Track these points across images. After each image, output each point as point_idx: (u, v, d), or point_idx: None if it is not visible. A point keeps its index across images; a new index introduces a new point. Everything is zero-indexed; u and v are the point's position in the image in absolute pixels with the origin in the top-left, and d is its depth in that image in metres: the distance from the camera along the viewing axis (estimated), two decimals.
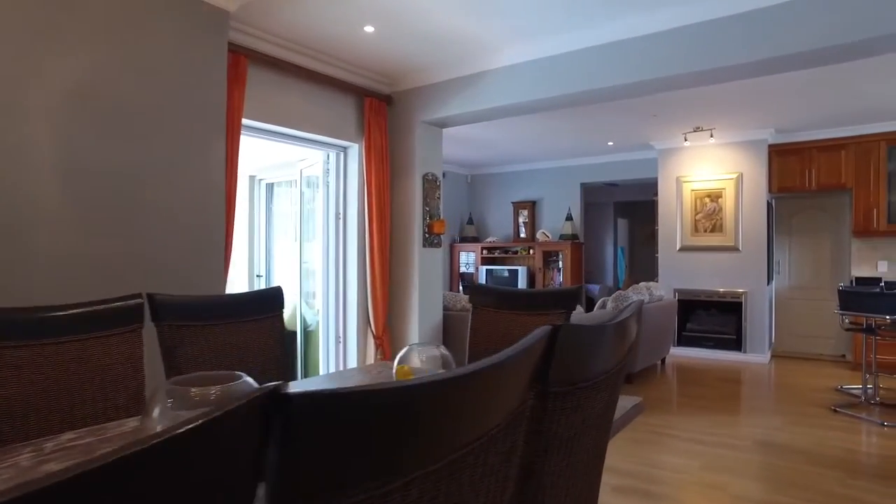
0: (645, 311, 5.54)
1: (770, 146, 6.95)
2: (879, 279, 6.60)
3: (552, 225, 8.95)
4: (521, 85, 4.22)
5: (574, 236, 8.58)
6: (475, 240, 9.56)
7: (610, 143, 7.55)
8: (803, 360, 7.05)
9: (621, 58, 3.80)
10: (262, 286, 6.76)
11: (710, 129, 6.58)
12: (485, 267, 9.24)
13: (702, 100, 5.57)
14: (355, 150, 4.81)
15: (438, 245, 4.98)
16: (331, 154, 4.86)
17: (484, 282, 9.20)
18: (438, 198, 4.99)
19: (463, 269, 9.67)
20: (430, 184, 4.88)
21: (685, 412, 4.79)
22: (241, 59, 3.69)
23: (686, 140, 6.80)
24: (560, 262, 8.55)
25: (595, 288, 10.72)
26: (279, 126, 4.31)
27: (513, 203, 9.38)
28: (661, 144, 7.44)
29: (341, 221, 4.84)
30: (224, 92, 3.30)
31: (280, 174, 6.51)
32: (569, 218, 8.67)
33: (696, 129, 6.61)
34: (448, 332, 5.04)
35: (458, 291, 9.37)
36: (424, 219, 4.82)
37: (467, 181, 9.95)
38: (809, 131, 6.82)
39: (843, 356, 7.22)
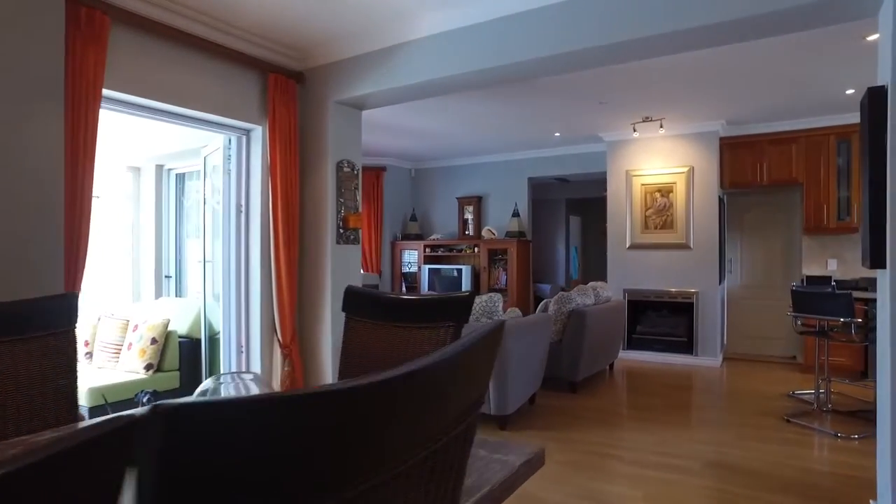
0: (591, 315, 5.10)
1: (721, 139, 6.62)
2: (830, 278, 6.34)
3: (499, 222, 8.48)
4: (445, 58, 3.69)
5: (521, 233, 8.13)
6: (419, 237, 9.02)
7: (557, 135, 7.11)
8: (755, 363, 6.75)
9: (544, 26, 3.30)
10: (172, 288, 6.05)
11: (660, 119, 6.20)
12: (428, 266, 8.70)
13: (650, 88, 5.16)
14: (259, 134, 4.19)
15: (356, 241, 4.41)
16: (231, 138, 4.23)
17: (428, 283, 8.68)
18: (356, 188, 4.42)
19: (406, 269, 9.11)
20: (345, 173, 4.30)
21: (631, 426, 4.35)
22: (97, 15, 3.04)
23: (635, 131, 6.41)
24: (507, 261, 8.08)
25: (546, 287, 10.32)
26: (164, 103, 3.66)
27: (458, 198, 8.88)
28: (609, 136, 7.04)
29: (243, 215, 4.22)
30: (61, 52, 2.65)
31: (190, 163, 5.82)
32: (515, 214, 8.21)
33: (646, 120, 6.22)
34: None
35: (402, 293, 8.80)
36: (339, 212, 4.24)
37: (411, 175, 9.40)
38: (760, 124, 6.51)
39: (794, 357, 6.97)
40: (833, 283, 5.77)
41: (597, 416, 4.56)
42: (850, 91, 5.33)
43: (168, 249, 6.06)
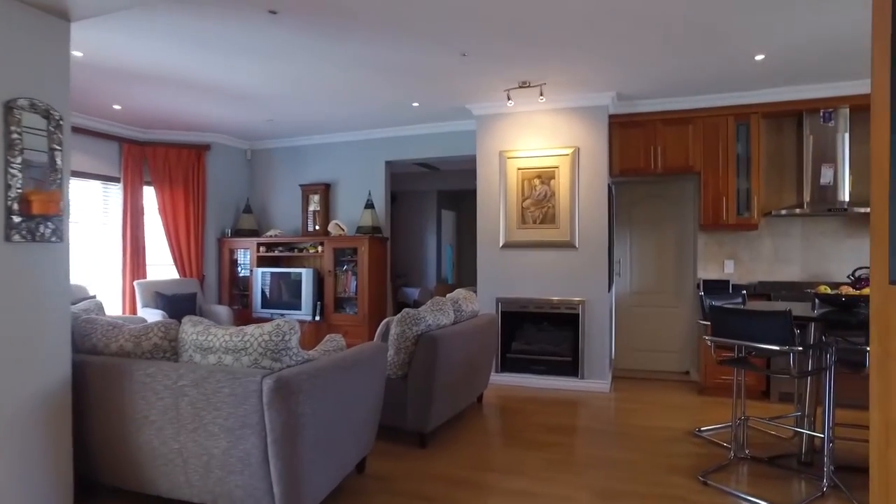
0: (447, 340, 3.67)
1: (611, 117, 5.50)
2: (728, 282, 5.43)
3: (352, 214, 6.90)
4: None
5: (375, 229, 6.60)
6: (254, 233, 7.21)
7: (415, 104, 5.66)
8: (646, 382, 5.73)
9: None
10: None
11: (540, 86, 4.93)
12: (262, 269, 6.92)
13: (526, 35, 3.83)
14: None
15: (56, 238, 2.63)
16: None
17: (260, 289, 6.90)
18: (57, 149, 2.64)
19: (244, 273, 7.27)
20: (29, 120, 2.51)
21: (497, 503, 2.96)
22: None
23: (510, 99, 5.09)
24: (357, 263, 6.51)
25: (413, 292, 8.91)
26: None
27: (301, 186, 7.17)
28: (479, 108, 5.70)
29: None
30: None
31: None
32: (369, 205, 6.67)
33: (523, 85, 4.92)
34: (90, 397, 2.72)
35: (229, 305, 6.97)
36: (7, 188, 2.44)
37: (246, 157, 7.55)
38: (654, 100, 5.47)
39: (688, 373, 6.06)
40: (743, 292, 4.80)
41: (450, 488, 3.13)
42: (759, 57, 4.34)
43: None
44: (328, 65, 4.49)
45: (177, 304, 6.15)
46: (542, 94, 4.96)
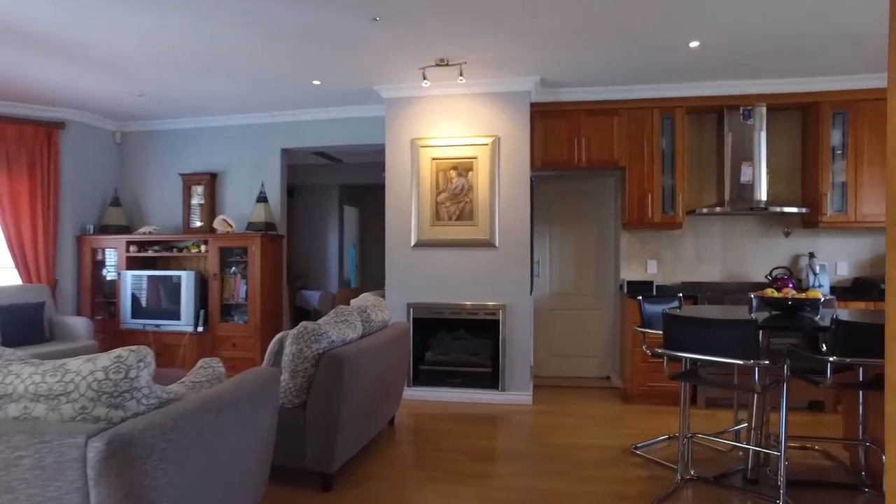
0: (355, 360, 3.03)
1: (533, 105, 5.07)
2: (652, 283, 5.18)
3: (242, 209, 6.02)
4: None
5: (269, 225, 5.78)
6: (125, 230, 6.12)
7: (316, 83, 4.92)
8: (567, 391, 5.36)
9: None
10: None
11: (460, 65, 4.39)
12: (132, 272, 5.87)
13: (443, 2, 3.28)
14: None
15: None
16: None
17: (131, 295, 5.84)
18: None
19: (111, 276, 6.14)
20: None
21: None
22: None
23: (425, 79, 4.51)
24: (247, 264, 5.66)
25: (314, 295, 8.11)
26: None
27: (182, 176, 6.18)
28: (390, 90, 5.07)
29: None
30: None
31: None
32: (262, 199, 5.83)
33: (441, 63, 4.36)
34: None
35: (90, 316, 5.87)
36: None
37: (115, 140, 6.42)
38: (579, 88, 5.11)
39: (608, 378, 5.78)
40: (679, 296, 4.53)
41: None
42: (694, 44, 4.06)
43: None
44: (208, 23, 3.67)
45: (16, 318, 5.01)
46: (461, 75, 4.42)
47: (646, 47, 4.11)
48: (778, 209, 4.95)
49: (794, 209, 4.96)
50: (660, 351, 2.82)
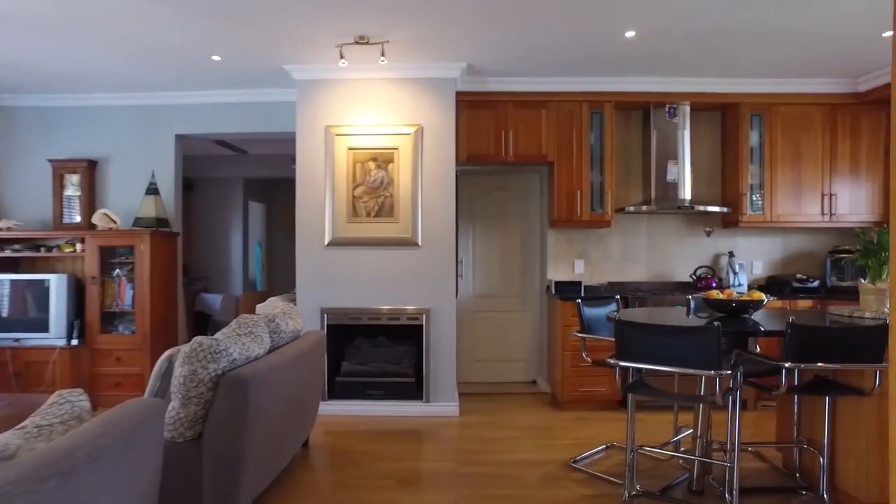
0: (264, 382, 2.54)
1: (459, 94, 4.73)
2: (580, 283, 5.00)
3: (128, 203, 5.23)
4: None
5: (161, 221, 5.07)
6: None
7: (217, 59, 4.31)
8: (494, 399, 5.08)
9: None
10: None
11: (382, 44, 3.96)
12: None
13: None
14: None
15: None
16: None
17: None
18: None
19: None
20: None
21: None
22: None
23: (342, 58, 4.03)
24: (134, 266, 4.92)
25: (215, 300, 7.36)
26: None
27: (53, 162, 5.30)
28: (302, 70, 4.55)
29: None
30: None
31: None
32: (153, 191, 5.10)
33: (360, 41, 3.90)
34: None
35: None
36: None
37: None
38: (508, 78, 4.83)
39: (534, 382, 5.57)
40: (617, 298, 4.34)
41: None
42: (630, 34, 3.88)
43: None
44: None
45: None
46: (383, 55, 3.99)
47: (581, 34, 3.88)
48: (703, 208, 4.92)
49: (718, 209, 4.96)
50: (612, 361, 2.55)
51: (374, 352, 4.68)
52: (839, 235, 5.33)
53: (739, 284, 5.06)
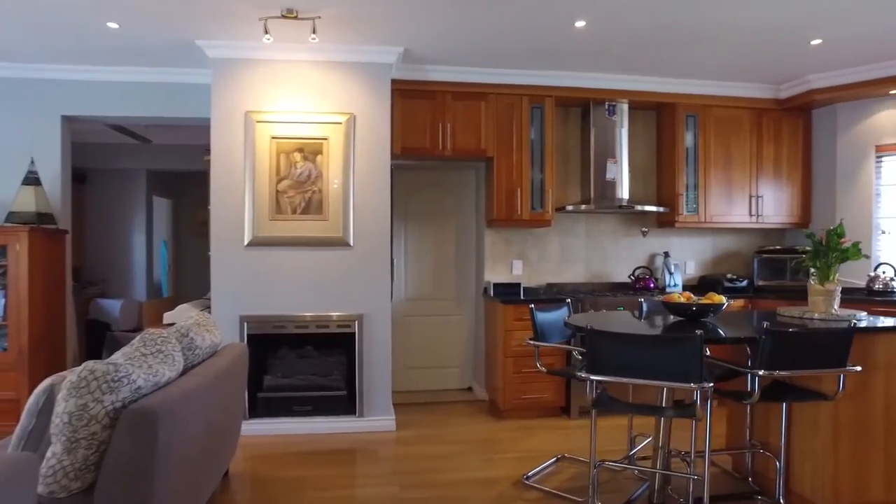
0: (178, 411, 2.08)
1: (395, 82, 4.38)
2: (519, 285, 4.79)
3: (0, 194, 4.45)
4: None
5: (44, 216, 4.34)
6: None
7: (113, 26, 3.70)
8: (431, 408, 4.77)
9: None
10: None
11: (312, 19, 3.53)
12: None
13: None
14: None
15: None
16: None
17: None
18: None
19: None
20: None
21: None
22: None
23: (267, 33, 3.56)
24: (6, 269, 4.17)
25: (114, 306, 6.60)
26: None
27: None
28: (218, 47, 4.02)
29: None
30: None
31: None
32: (32, 181, 4.36)
33: (288, 14, 3.45)
34: None
35: None
36: None
37: None
38: (447, 67, 4.52)
39: (470, 389, 5.31)
40: (567, 301, 4.14)
41: None
42: (580, 23, 3.69)
43: None
44: None
45: None
46: (314, 32, 3.56)
47: (531, 20, 3.63)
48: (642, 208, 4.85)
49: (657, 209, 4.91)
50: (583, 375, 2.30)
51: (300, 363, 4.23)
52: (764, 236, 5.46)
53: (675, 285, 5.04)
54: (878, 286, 4.62)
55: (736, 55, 4.26)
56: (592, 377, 2.26)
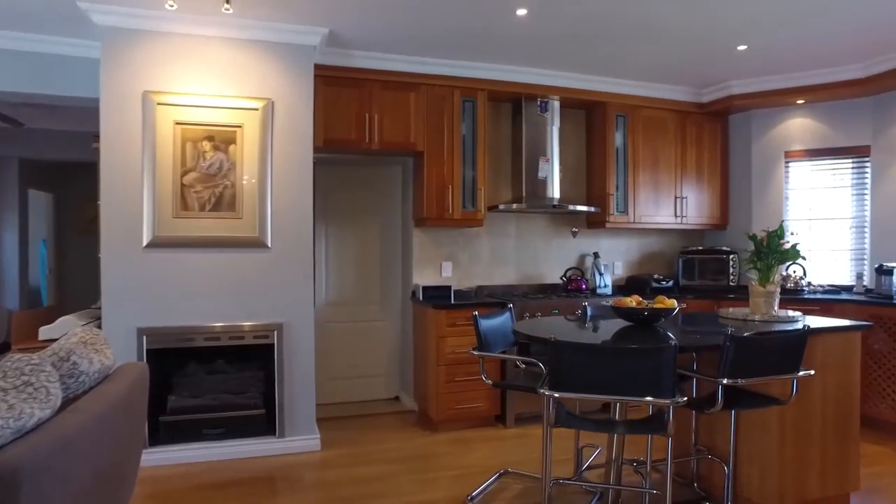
0: (52, 466, 1.61)
1: (318, 68, 3.98)
2: (449, 288, 4.54)
3: None
4: None
5: None
6: None
7: None
8: (357, 422, 4.41)
9: None
10: None
11: None
12: None
13: None
14: None
15: None
16: None
17: None
18: None
19: None
20: None
21: None
22: None
23: (173, 5, 3.06)
24: None
25: None
26: None
27: None
28: (110, 12, 3.43)
29: None
30: None
31: None
32: None
33: None
34: None
35: None
36: None
37: None
38: (375, 53, 4.18)
39: (397, 398, 5.00)
40: (510, 306, 3.94)
41: None
42: (521, 11, 3.48)
43: None
44: None
45: None
46: (228, 3, 3.10)
47: (472, 4, 3.38)
48: (574, 208, 4.75)
49: (588, 209, 4.82)
50: (546, 393, 2.06)
51: (211, 380, 3.73)
52: (686, 236, 5.56)
53: (605, 286, 4.99)
54: (789, 285, 4.78)
55: (667, 55, 4.25)
56: (556, 395, 2.03)
